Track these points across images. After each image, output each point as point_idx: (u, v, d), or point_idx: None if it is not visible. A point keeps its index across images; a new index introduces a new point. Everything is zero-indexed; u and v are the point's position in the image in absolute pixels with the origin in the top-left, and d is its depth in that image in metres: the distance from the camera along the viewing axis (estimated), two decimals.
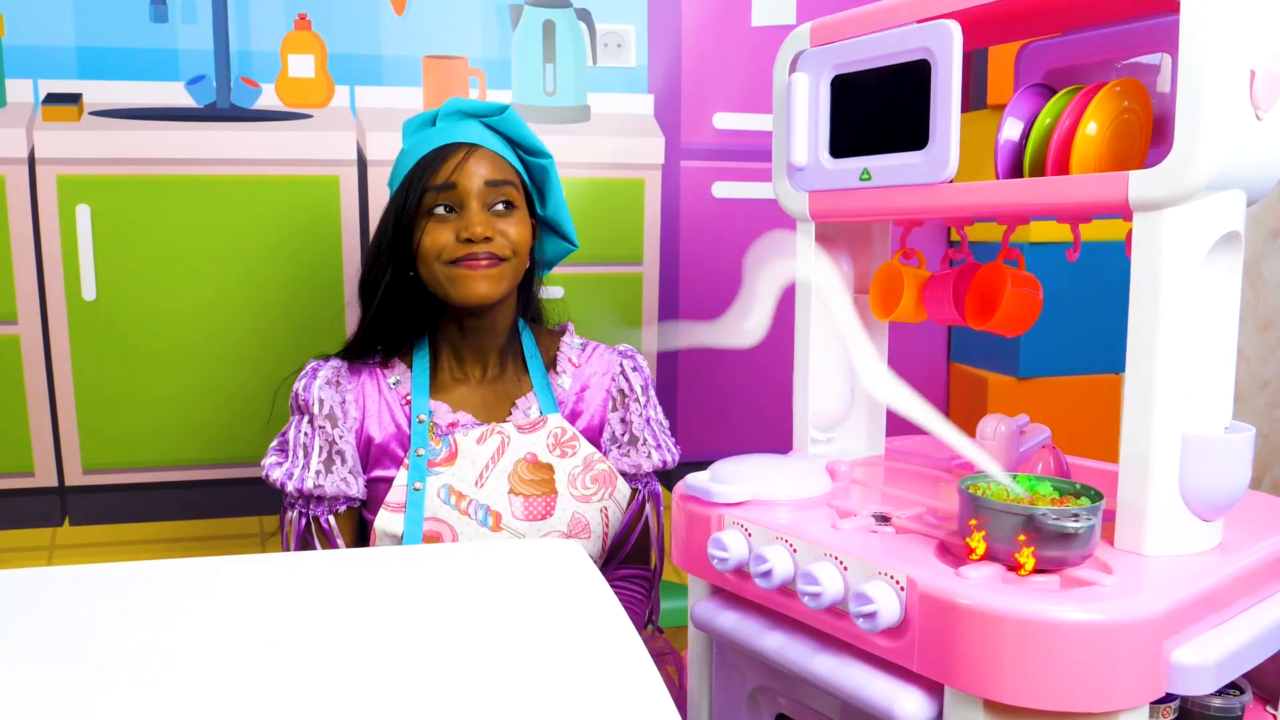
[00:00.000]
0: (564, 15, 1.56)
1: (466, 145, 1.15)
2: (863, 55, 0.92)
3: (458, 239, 1.12)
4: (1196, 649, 0.71)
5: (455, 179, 1.13)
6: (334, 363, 1.20)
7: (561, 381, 1.25)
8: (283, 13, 1.47)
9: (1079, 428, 1.42)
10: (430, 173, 1.13)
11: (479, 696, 0.55)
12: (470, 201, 1.13)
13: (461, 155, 1.14)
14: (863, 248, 1.10)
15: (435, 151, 1.15)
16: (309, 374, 1.19)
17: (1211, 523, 0.80)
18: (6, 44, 1.39)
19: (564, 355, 1.27)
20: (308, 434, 1.16)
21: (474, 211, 1.13)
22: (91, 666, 0.59)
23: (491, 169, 1.15)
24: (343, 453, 1.16)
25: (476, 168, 1.14)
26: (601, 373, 1.27)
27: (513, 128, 1.19)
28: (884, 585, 0.74)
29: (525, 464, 1.18)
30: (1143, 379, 0.76)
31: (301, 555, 0.83)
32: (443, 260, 1.13)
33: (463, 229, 1.12)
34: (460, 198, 1.13)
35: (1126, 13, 0.90)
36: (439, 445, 1.16)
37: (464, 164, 1.13)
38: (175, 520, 1.52)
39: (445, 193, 1.13)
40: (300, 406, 1.18)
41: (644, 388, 1.28)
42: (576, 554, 0.81)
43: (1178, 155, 0.72)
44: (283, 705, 0.54)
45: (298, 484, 1.14)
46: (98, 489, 1.49)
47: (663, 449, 1.27)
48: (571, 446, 1.20)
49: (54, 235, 1.43)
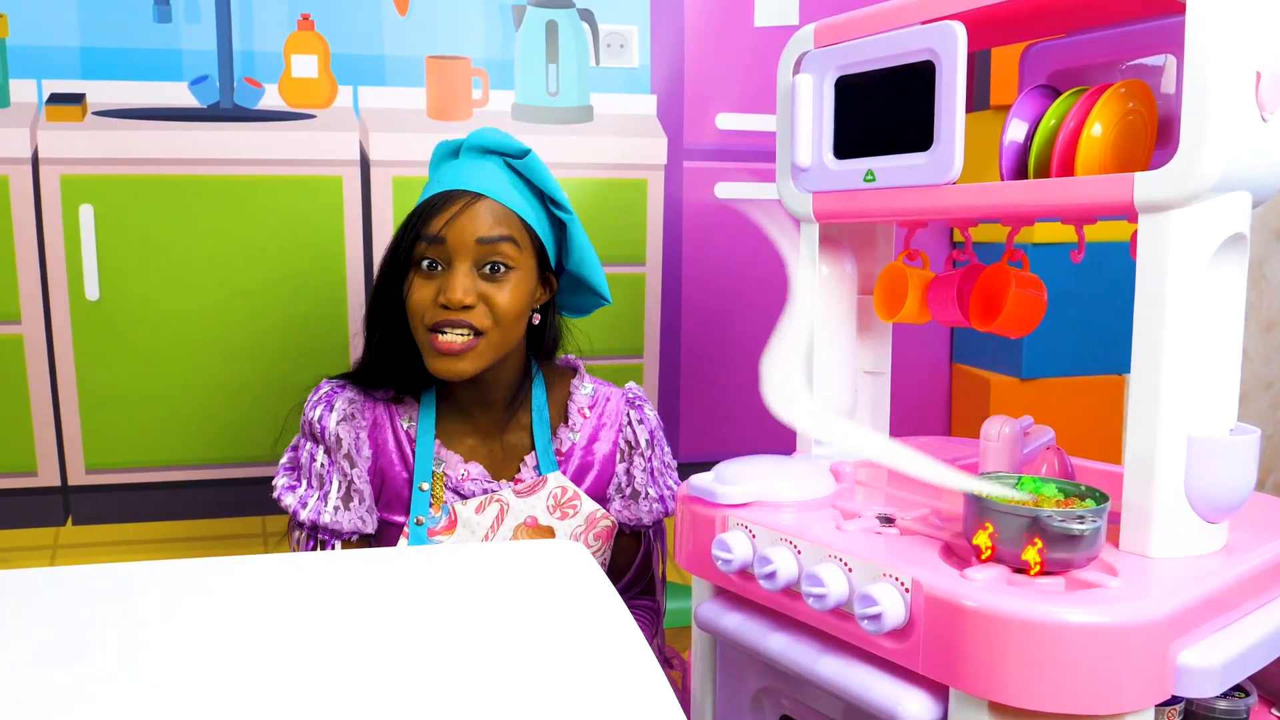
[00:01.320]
0: (567, 15, 1.56)
1: (469, 195, 1.07)
2: (867, 56, 0.92)
3: (436, 301, 1.06)
4: (1202, 651, 0.71)
5: (445, 233, 1.05)
6: (348, 393, 1.15)
7: (571, 436, 1.20)
8: (286, 13, 1.47)
9: (1083, 429, 1.42)
10: (425, 220, 1.07)
11: (484, 698, 0.55)
12: (457, 261, 1.06)
13: (459, 206, 1.06)
14: (867, 249, 1.10)
15: (438, 196, 1.08)
16: (323, 401, 1.14)
17: (1217, 525, 0.79)
18: (10, 44, 1.39)
19: (574, 405, 1.22)
20: (324, 466, 1.12)
21: (458, 274, 1.05)
22: (94, 667, 0.59)
23: (489, 224, 1.06)
24: (360, 491, 1.12)
25: (470, 223, 1.05)
26: (611, 425, 1.22)
27: (535, 173, 1.11)
28: (889, 587, 0.74)
29: (525, 529, 1.15)
30: (1148, 380, 0.76)
31: (305, 556, 0.83)
32: (424, 323, 1.07)
33: (442, 292, 1.05)
34: (448, 254, 1.06)
35: (1131, 14, 0.90)
36: (438, 514, 1.12)
37: (458, 217, 1.05)
38: (178, 520, 1.52)
39: (434, 246, 1.06)
40: (315, 436, 1.13)
41: (649, 440, 1.23)
42: (581, 556, 0.81)
43: (1183, 157, 0.72)
44: (286, 706, 0.54)
45: (313, 515, 1.11)
46: (100, 489, 1.49)
47: (665, 500, 1.23)
48: (573, 506, 1.17)
49: (57, 235, 1.43)
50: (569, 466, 1.19)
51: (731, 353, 1.68)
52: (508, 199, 1.09)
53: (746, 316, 1.67)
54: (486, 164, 1.10)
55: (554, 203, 1.13)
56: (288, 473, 1.15)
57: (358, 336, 1.20)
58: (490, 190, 1.08)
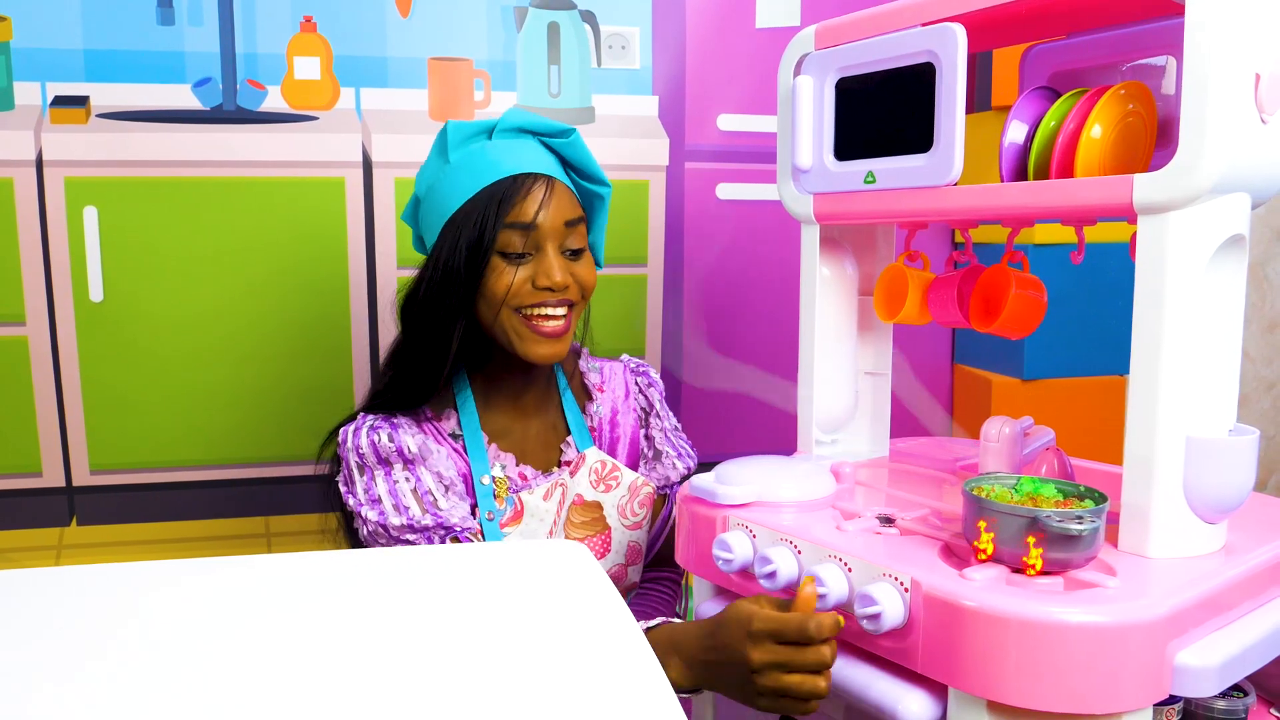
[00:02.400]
0: (568, 17, 1.57)
1: (545, 178, 1.05)
2: (867, 58, 0.92)
3: (534, 285, 1.04)
4: (1200, 651, 0.71)
5: (538, 219, 1.03)
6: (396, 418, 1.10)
7: (597, 410, 1.21)
8: (288, 15, 1.47)
9: (1083, 429, 1.42)
10: (509, 206, 1.03)
11: (483, 697, 0.55)
12: (547, 244, 1.05)
13: (544, 190, 1.04)
14: (867, 250, 1.10)
15: (510, 180, 1.04)
16: (380, 426, 1.08)
17: (1216, 525, 0.80)
18: (14, 47, 1.39)
19: (590, 383, 1.23)
20: (409, 478, 1.06)
21: (552, 256, 1.05)
22: (98, 667, 0.59)
23: (569, 207, 1.06)
24: (452, 481, 1.09)
25: (557, 208, 1.05)
26: (623, 394, 1.24)
27: (578, 153, 1.10)
28: (888, 587, 0.75)
29: (575, 507, 1.15)
30: (1147, 382, 0.77)
31: (307, 555, 0.83)
32: (511, 305, 1.05)
33: (541, 275, 1.04)
34: (539, 239, 1.04)
35: (1131, 16, 0.90)
36: (503, 505, 1.10)
37: (548, 203, 1.04)
38: (182, 520, 1.52)
39: (524, 232, 1.04)
40: (384, 459, 1.07)
41: (661, 400, 1.26)
42: (581, 554, 0.81)
43: (1182, 159, 0.72)
44: (289, 705, 0.54)
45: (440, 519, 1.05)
46: (105, 489, 1.50)
47: (684, 457, 1.25)
48: (614, 478, 1.17)
49: (61, 237, 1.43)
50: (601, 441, 1.20)
51: (733, 353, 1.68)
52: (567, 181, 1.09)
53: (747, 317, 1.68)
54: (528, 144, 1.08)
55: (591, 179, 1.12)
56: (371, 506, 1.06)
57: (360, 339, 1.19)
58: (556, 173, 1.08)
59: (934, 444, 1.20)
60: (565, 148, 1.09)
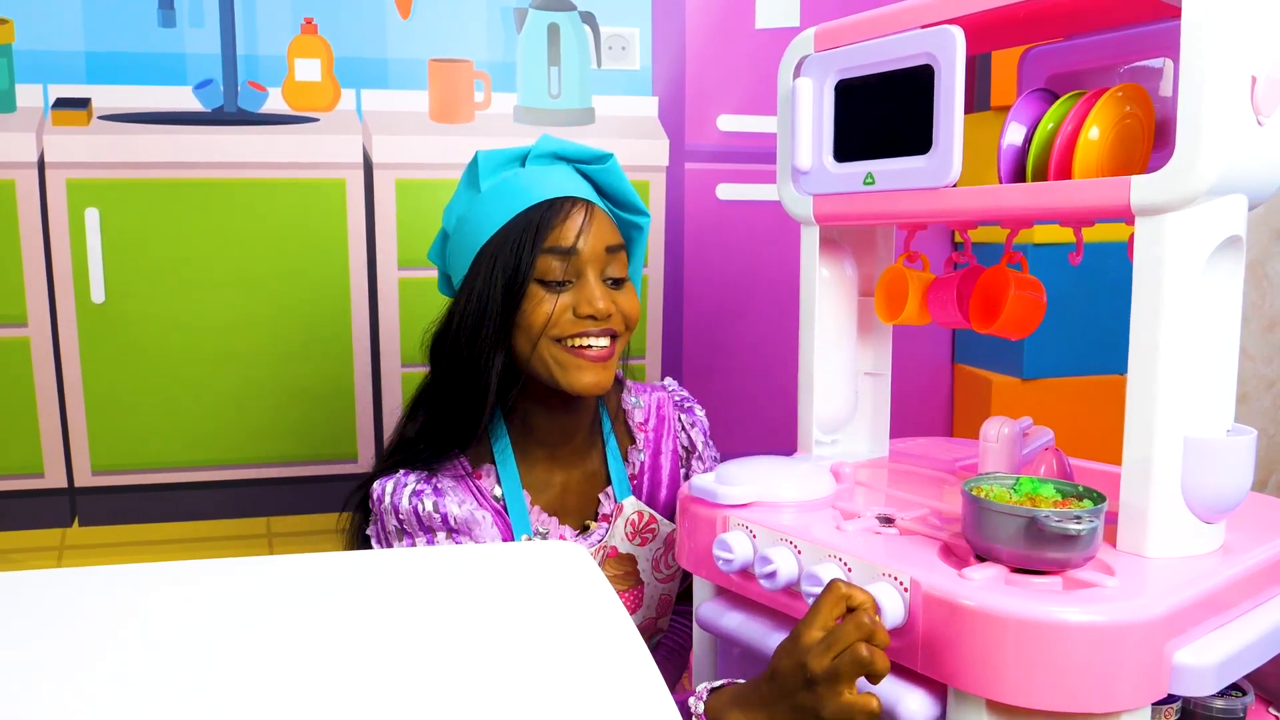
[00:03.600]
0: (568, 18, 1.57)
1: (584, 202, 1.01)
2: (866, 60, 0.93)
3: (575, 313, 0.99)
4: (1199, 650, 0.71)
5: (579, 244, 0.99)
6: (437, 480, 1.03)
7: (639, 456, 1.15)
8: (289, 17, 1.48)
9: (1084, 429, 1.42)
10: (547, 231, 0.98)
11: (480, 699, 0.56)
12: (588, 271, 1.00)
13: (584, 215, 0.99)
14: (867, 251, 1.10)
15: (548, 206, 0.99)
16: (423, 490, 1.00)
17: (1214, 525, 0.80)
18: (16, 49, 1.40)
19: (634, 422, 1.16)
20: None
21: (593, 284, 0.99)
22: (101, 669, 0.59)
23: (610, 233, 1.01)
24: None
25: (599, 233, 1.00)
26: (666, 433, 1.17)
27: (614, 180, 1.05)
28: (888, 586, 0.75)
29: (608, 560, 1.10)
30: (1145, 382, 0.77)
31: (307, 557, 0.83)
32: (550, 335, 0.99)
33: (583, 303, 0.99)
34: (579, 266, 0.99)
35: (1128, 18, 0.90)
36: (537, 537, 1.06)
37: (588, 227, 0.99)
38: (184, 521, 1.53)
39: (564, 258, 0.98)
40: (426, 526, 1.00)
41: (705, 440, 1.19)
42: (579, 556, 0.82)
43: (1179, 161, 0.73)
44: (289, 707, 0.55)
45: None
46: (107, 490, 1.50)
47: None
48: (651, 530, 1.11)
49: (63, 238, 1.44)
50: (641, 490, 1.14)
51: (733, 354, 1.68)
52: (604, 206, 1.05)
53: (748, 318, 1.68)
54: (563, 170, 1.04)
55: (628, 209, 1.08)
56: None
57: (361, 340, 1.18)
58: (593, 197, 1.03)
59: (934, 444, 1.20)
60: (601, 174, 1.06)
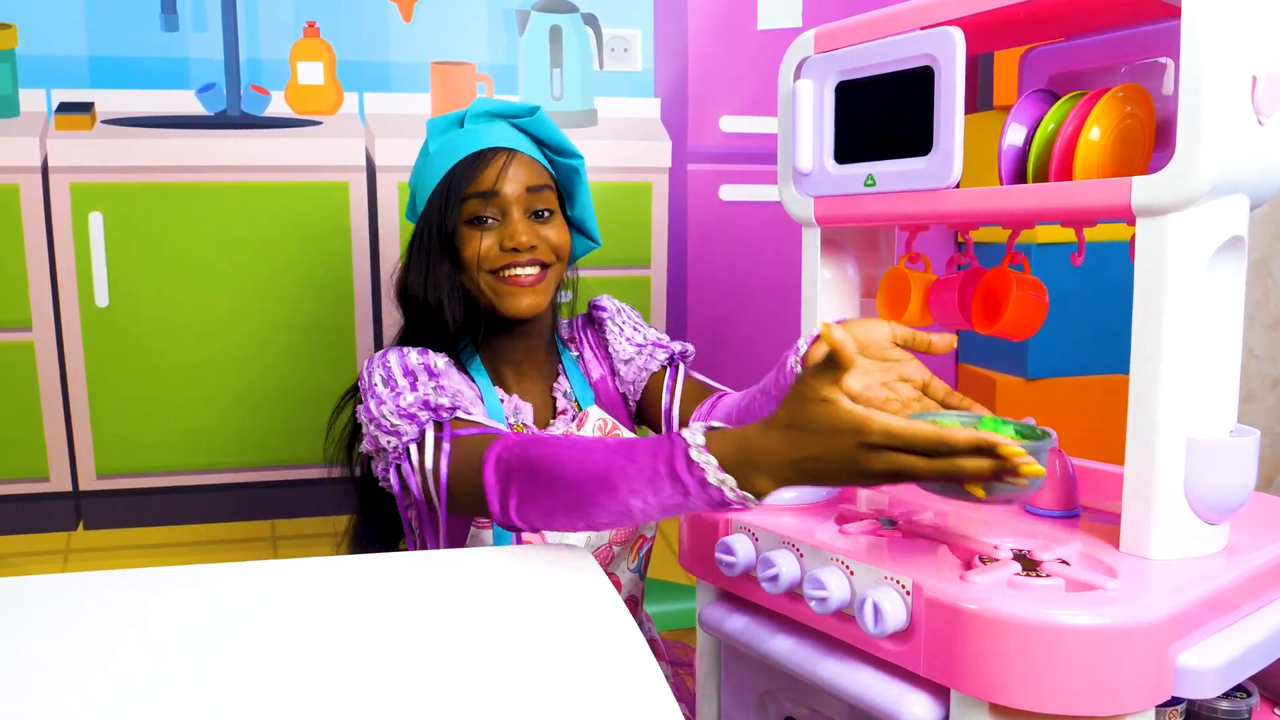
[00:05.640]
0: (570, 20, 1.57)
1: (505, 150, 1.12)
2: (867, 62, 0.93)
3: (501, 248, 1.10)
4: (1202, 652, 0.71)
5: (498, 186, 1.10)
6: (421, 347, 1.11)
7: (591, 369, 1.24)
8: (292, 20, 1.48)
9: (1087, 428, 1.42)
10: (470, 179, 1.11)
11: (487, 700, 0.56)
12: (512, 209, 1.11)
13: (502, 161, 1.11)
14: (869, 252, 1.10)
15: (473, 156, 1.12)
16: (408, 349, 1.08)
17: (1217, 526, 0.80)
18: (20, 54, 1.40)
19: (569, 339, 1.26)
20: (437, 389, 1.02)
21: (516, 220, 1.11)
22: (107, 673, 0.60)
23: (531, 174, 1.12)
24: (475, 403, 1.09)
25: (517, 173, 1.11)
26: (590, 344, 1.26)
27: (544, 129, 1.16)
28: (890, 590, 0.75)
29: None
30: (1147, 383, 0.77)
31: (314, 561, 0.84)
32: (484, 269, 1.11)
33: (507, 238, 1.10)
34: (503, 205, 1.11)
35: (1129, 18, 0.90)
36: None
37: (505, 170, 1.11)
38: (188, 524, 1.53)
39: (487, 200, 1.10)
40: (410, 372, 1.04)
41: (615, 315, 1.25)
42: (584, 560, 0.82)
43: (1180, 161, 0.72)
44: (296, 709, 0.55)
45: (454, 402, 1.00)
46: (111, 493, 1.51)
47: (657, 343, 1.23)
48: (615, 435, 1.18)
49: (67, 242, 1.44)
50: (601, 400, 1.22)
51: (736, 355, 1.68)
52: (533, 153, 1.14)
53: (751, 318, 1.68)
54: (498, 126, 1.15)
55: (561, 152, 1.18)
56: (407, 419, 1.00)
57: (365, 341, 1.20)
58: (518, 146, 1.14)
59: None
60: (532, 125, 1.16)
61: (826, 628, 0.81)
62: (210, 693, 0.57)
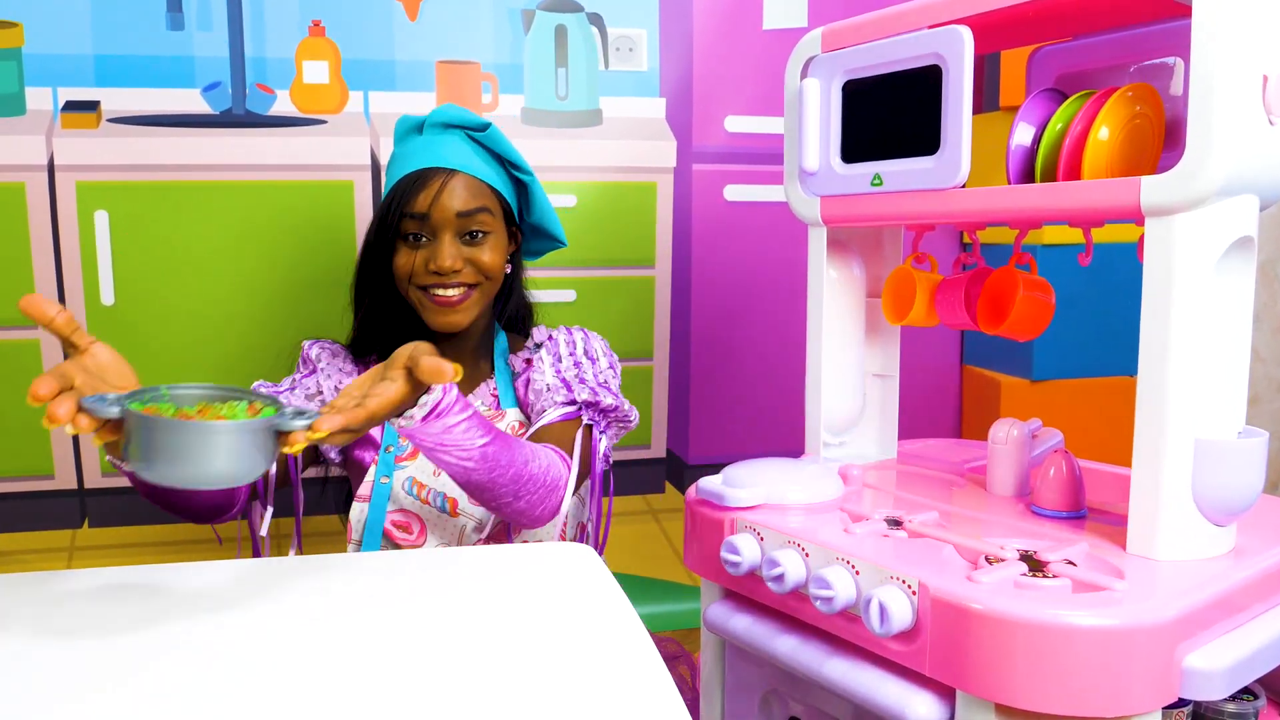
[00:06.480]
0: (576, 20, 1.57)
1: (444, 171, 1.16)
2: (874, 61, 0.92)
3: (427, 268, 1.16)
4: (1209, 654, 0.71)
5: (430, 209, 1.15)
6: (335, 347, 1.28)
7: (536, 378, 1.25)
8: (297, 19, 1.48)
9: (1093, 430, 1.41)
10: (408, 199, 1.16)
11: (491, 698, 0.56)
12: (441, 232, 1.16)
13: (438, 184, 1.15)
14: (875, 252, 1.10)
15: (414, 175, 1.16)
16: (323, 345, 1.27)
17: (1224, 528, 0.79)
18: (26, 53, 1.40)
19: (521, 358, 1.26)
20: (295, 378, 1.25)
21: (445, 244, 1.16)
22: (110, 668, 0.60)
23: (466, 197, 1.16)
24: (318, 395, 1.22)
25: (450, 200, 1.15)
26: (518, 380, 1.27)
27: (497, 144, 1.20)
28: (896, 590, 0.75)
29: None
30: (1155, 384, 0.76)
31: (318, 558, 0.84)
32: (413, 284, 1.17)
33: (433, 260, 1.15)
34: (432, 227, 1.16)
35: (1138, 17, 0.90)
36: (405, 442, 1.18)
37: (439, 194, 1.15)
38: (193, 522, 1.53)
39: (419, 221, 1.16)
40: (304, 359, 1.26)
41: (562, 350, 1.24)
42: (589, 557, 0.82)
43: (1189, 161, 0.72)
44: (301, 705, 0.55)
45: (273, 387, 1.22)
46: (117, 491, 1.51)
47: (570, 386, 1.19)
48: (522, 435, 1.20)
49: (73, 241, 1.44)
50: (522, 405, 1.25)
51: (741, 356, 1.68)
52: (477, 171, 1.18)
53: (756, 319, 1.68)
54: (451, 138, 1.19)
55: (514, 166, 1.22)
56: None
57: None
58: (462, 165, 1.18)
59: (942, 446, 1.20)
60: (485, 139, 1.20)
61: (832, 627, 0.81)
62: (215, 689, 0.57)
